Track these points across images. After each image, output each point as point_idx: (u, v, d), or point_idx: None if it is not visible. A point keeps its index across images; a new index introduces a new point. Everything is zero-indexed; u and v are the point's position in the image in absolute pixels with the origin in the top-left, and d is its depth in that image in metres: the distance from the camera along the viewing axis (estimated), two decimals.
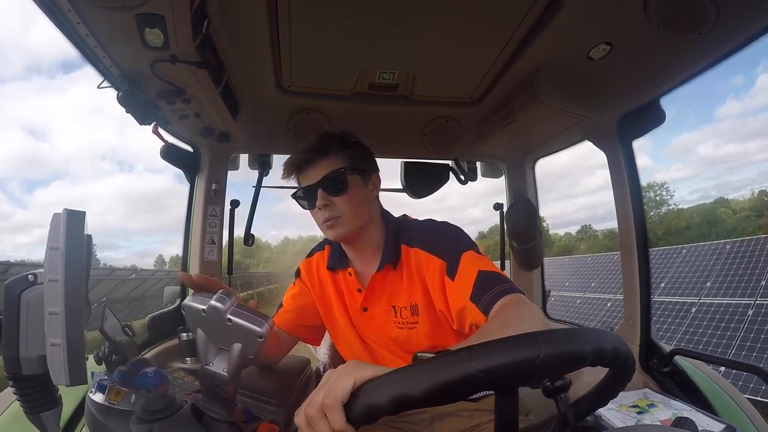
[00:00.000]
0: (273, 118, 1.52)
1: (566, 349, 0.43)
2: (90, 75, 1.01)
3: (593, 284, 10.01)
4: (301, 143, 1.08)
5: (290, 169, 1.08)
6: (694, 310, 6.55)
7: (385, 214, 1.16)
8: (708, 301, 6.61)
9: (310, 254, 1.26)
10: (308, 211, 1.10)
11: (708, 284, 6.97)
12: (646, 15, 0.92)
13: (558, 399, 0.58)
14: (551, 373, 0.43)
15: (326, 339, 1.35)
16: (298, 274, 1.25)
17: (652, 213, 33.41)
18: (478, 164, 1.97)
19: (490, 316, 0.87)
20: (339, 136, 1.08)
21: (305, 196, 1.07)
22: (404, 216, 1.20)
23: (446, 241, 1.04)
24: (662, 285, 7.64)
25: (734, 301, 6.13)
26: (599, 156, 1.43)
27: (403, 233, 1.11)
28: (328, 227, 1.05)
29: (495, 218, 2.02)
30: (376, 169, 1.16)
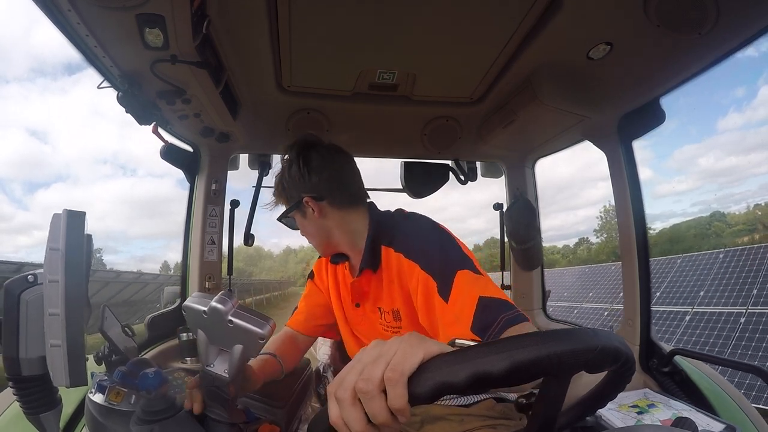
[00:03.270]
0: (273, 118, 1.52)
1: (614, 345, 0.44)
2: (92, 77, 1.01)
3: (565, 294, 11.27)
4: None
5: None
6: None
7: (372, 215, 1.09)
8: (653, 309, 7.64)
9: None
10: None
11: (657, 293, 7.99)
12: (646, 15, 0.92)
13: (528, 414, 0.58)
14: (596, 367, 0.44)
15: (326, 339, 1.35)
16: (311, 275, 1.27)
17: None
18: (478, 164, 1.97)
19: None
20: (279, 177, 1.13)
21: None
22: (399, 210, 1.13)
23: (436, 255, 0.92)
24: (621, 294, 8.53)
25: (675, 309, 7.18)
26: (600, 168, 1.43)
27: (383, 233, 1.03)
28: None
29: (495, 230, 2.02)
30: (305, 191, 1.05)
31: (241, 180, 1.86)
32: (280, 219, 1.13)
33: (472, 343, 0.45)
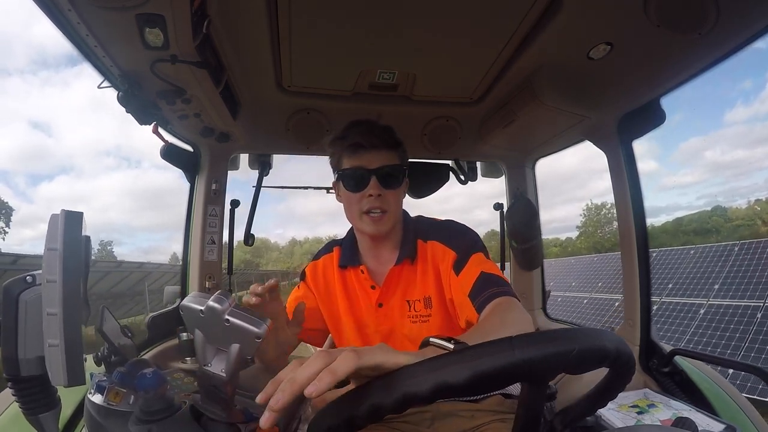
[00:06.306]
0: (273, 118, 1.52)
1: (597, 345, 0.43)
2: (93, 71, 1.01)
3: (552, 283, 12.16)
4: (362, 125, 1.08)
5: (350, 148, 1.06)
6: (617, 304, 8.34)
7: (403, 213, 1.19)
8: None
9: (317, 257, 1.26)
10: (347, 194, 1.09)
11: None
12: (646, 15, 0.92)
13: (544, 407, 0.58)
14: (578, 369, 0.43)
15: (326, 340, 1.34)
16: (303, 276, 1.25)
17: (606, 229, 39.87)
18: (478, 164, 1.97)
19: (483, 314, 0.89)
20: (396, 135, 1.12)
21: (355, 177, 1.06)
22: (419, 216, 1.22)
23: (463, 238, 1.10)
24: (599, 284, 9.70)
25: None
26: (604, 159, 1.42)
27: (420, 229, 1.15)
28: (373, 220, 1.05)
29: (495, 222, 2.02)
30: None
31: (241, 173, 1.88)
32: (403, 168, 1.11)
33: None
